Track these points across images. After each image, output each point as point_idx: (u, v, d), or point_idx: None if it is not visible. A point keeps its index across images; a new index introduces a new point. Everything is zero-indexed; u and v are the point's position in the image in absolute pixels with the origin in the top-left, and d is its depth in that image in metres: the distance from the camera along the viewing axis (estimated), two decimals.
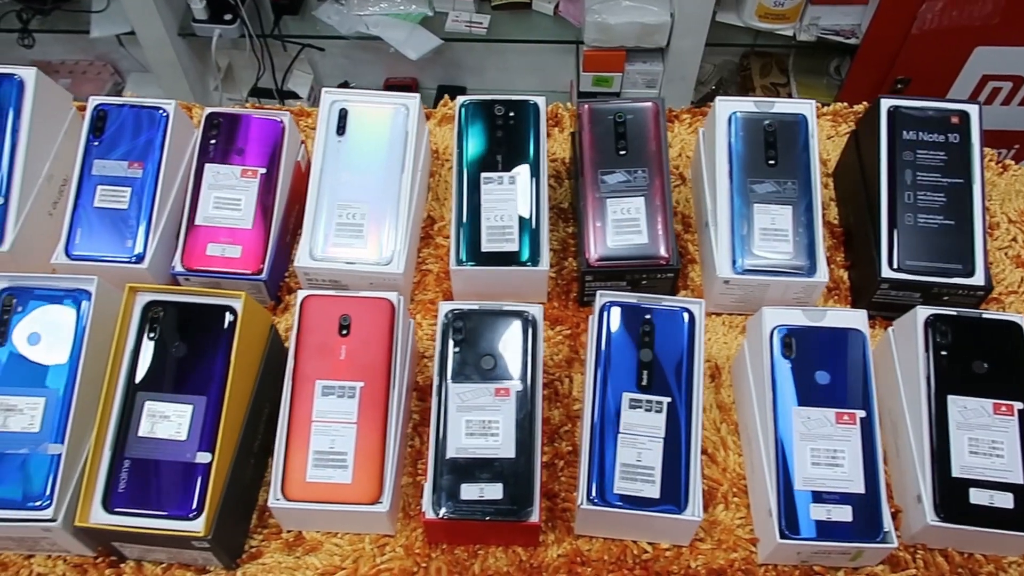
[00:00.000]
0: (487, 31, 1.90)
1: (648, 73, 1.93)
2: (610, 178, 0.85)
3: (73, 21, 1.93)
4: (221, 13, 1.86)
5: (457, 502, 0.68)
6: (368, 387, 0.71)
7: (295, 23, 1.94)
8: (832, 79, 2.04)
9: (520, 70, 2.14)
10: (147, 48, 1.88)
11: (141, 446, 0.68)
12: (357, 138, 0.87)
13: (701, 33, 1.80)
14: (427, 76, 2.16)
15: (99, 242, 0.83)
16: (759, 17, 1.85)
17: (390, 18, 1.90)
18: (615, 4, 1.79)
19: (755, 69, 2.06)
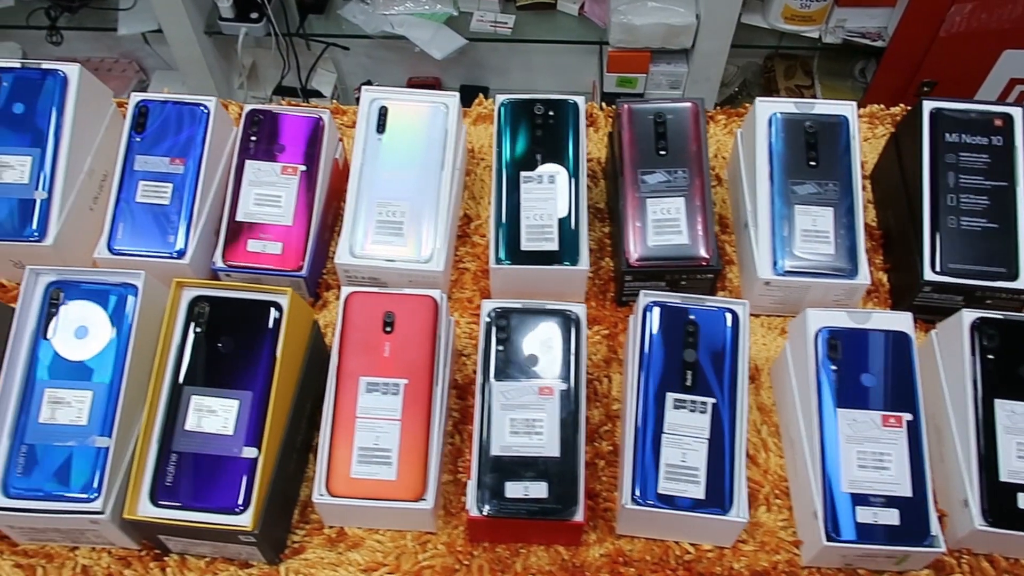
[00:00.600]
0: (512, 31, 1.90)
1: (672, 74, 1.92)
2: (650, 178, 0.85)
3: (101, 19, 1.95)
4: (247, 12, 1.87)
5: (502, 500, 0.68)
6: (412, 384, 0.72)
7: (319, 22, 1.94)
8: (857, 82, 2.04)
9: (543, 70, 2.14)
10: (174, 46, 1.89)
11: (188, 440, 0.68)
12: (397, 136, 0.88)
13: (727, 35, 1.79)
14: (450, 76, 2.17)
15: (141, 237, 0.84)
16: (785, 19, 1.84)
17: (415, 17, 1.91)
18: (641, 5, 1.79)
19: (779, 71, 2.05)
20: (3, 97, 0.86)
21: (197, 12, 1.85)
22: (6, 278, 0.89)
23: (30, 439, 0.69)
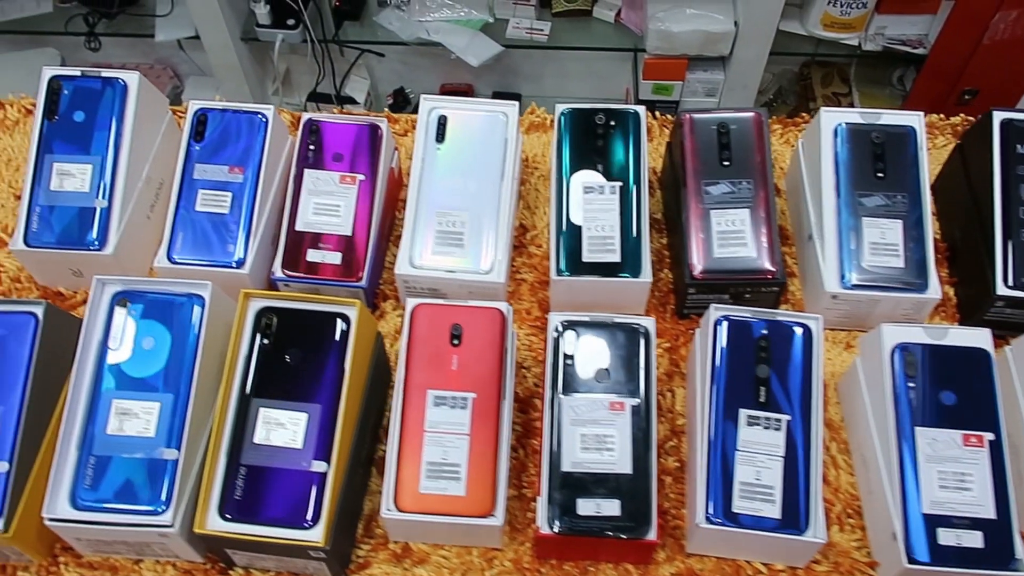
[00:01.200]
0: (548, 38, 1.90)
1: (709, 82, 1.91)
2: (714, 189, 0.83)
3: (138, 25, 1.96)
4: (284, 18, 1.88)
5: (573, 517, 0.67)
6: (480, 398, 0.71)
7: (354, 29, 1.94)
8: (895, 89, 2.02)
9: (576, 77, 2.14)
10: (210, 52, 1.90)
11: (257, 453, 0.67)
12: (456, 145, 0.87)
13: (766, 42, 1.78)
14: (483, 82, 2.16)
15: (200, 247, 0.84)
16: (824, 26, 1.82)
17: (451, 24, 1.91)
18: (679, 12, 1.78)
19: (816, 78, 2.04)
20: (64, 105, 0.86)
21: (234, 18, 1.86)
22: (64, 286, 0.89)
23: (98, 451, 0.68)
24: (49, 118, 0.86)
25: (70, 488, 0.67)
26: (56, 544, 0.73)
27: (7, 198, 0.97)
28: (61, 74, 0.87)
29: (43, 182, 0.84)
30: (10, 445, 0.68)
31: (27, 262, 0.86)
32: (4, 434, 0.68)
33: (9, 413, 0.69)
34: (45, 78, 0.87)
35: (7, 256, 0.92)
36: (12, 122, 1.04)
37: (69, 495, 0.67)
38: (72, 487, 0.67)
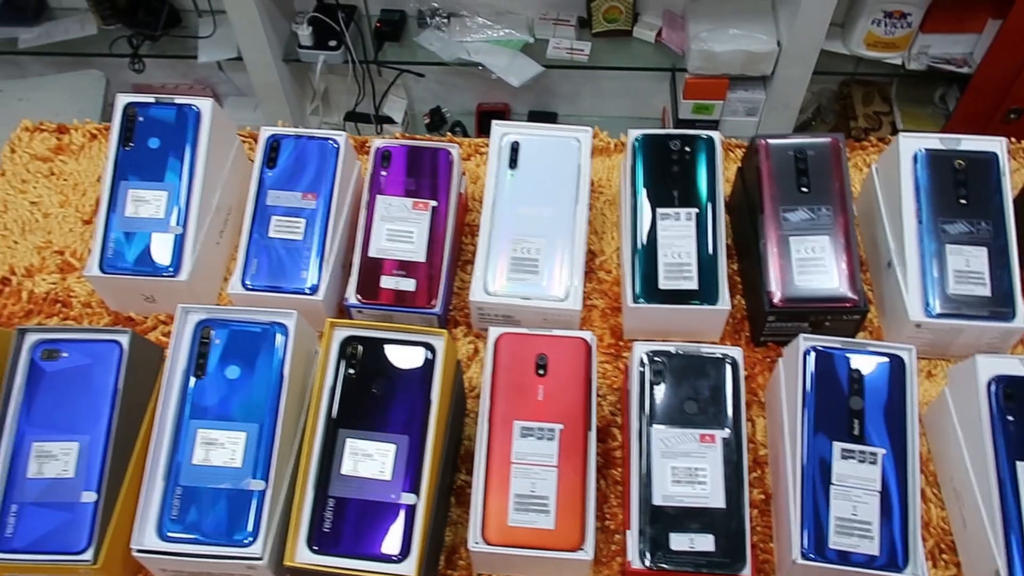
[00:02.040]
0: (588, 58, 1.90)
1: (750, 101, 1.90)
2: (792, 216, 0.82)
3: (180, 47, 1.97)
4: (325, 40, 1.89)
5: (667, 552, 0.66)
6: (567, 429, 0.70)
7: (393, 49, 1.95)
8: (937, 108, 2.00)
9: (613, 96, 2.14)
10: (252, 72, 1.91)
11: (345, 485, 0.67)
12: (529, 171, 0.86)
13: (809, 62, 1.77)
14: (519, 102, 2.17)
15: (274, 273, 0.83)
16: (867, 45, 1.82)
17: (491, 45, 1.91)
18: (722, 32, 1.78)
19: (857, 97, 2.02)
20: (139, 132, 0.86)
21: (276, 40, 1.87)
22: (135, 312, 0.89)
23: (184, 481, 0.68)
24: (124, 145, 0.86)
25: (157, 519, 0.67)
26: (138, 575, 0.72)
27: (75, 223, 0.97)
28: (136, 101, 0.88)
29: (118, 208, 0.84)
30: (98, 475, 0.68)
31: (100, 288, 0.86)
32: (91, 464, 0.68)
33: (96, 442, 0.68)
34: (120, 105, 0.88)
35: (77, 280, 0.92)
36: (77, 147, 1.04)
37: (156, 526, 0.67)
38: (159, 518, 0.67)
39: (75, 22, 1.99)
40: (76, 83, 1.88)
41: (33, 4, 1.97)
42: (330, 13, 1.87)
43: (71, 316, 0.89)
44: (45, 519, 0.67)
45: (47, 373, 0.71)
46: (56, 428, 0.69)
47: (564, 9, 1.94)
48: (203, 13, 1.99)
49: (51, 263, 0.93)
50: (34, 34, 1.97)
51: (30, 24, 1.97)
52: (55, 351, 0.71)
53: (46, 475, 0.68)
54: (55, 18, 2.01)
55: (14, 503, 0.67)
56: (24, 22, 1.97)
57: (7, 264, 0.93)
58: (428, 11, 1.92)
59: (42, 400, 0.70)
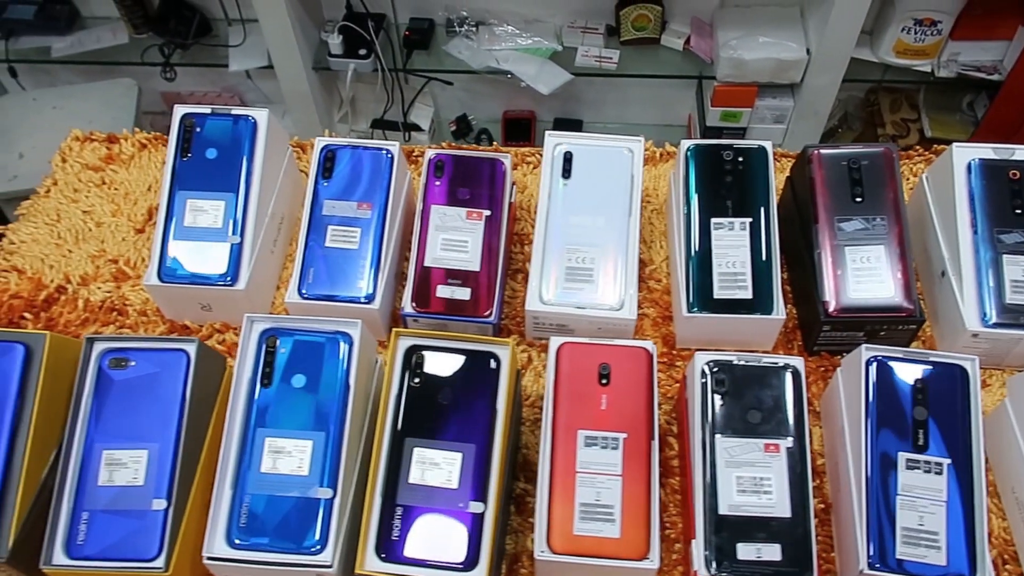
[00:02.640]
0: (617, 66, 1.90)
1: (778, 109, 1.91)
2: (847, 225, 0.83)
3: (210, 55, 1.99)
4: (355, 48, 1.90)
5: (734, 562, 0.66)
6: (631, 438, 0.70)
7: (420, 57, 1.96)
8: (965, 115, 2.00)
9: (639, 104, 2.14)
10: (283, 81, 1.93)
11: (413, 493, 0.67)
12: (583, 181, 0.87)
13: (839, 70, 1.77)
14: (544, 109, 2.18)
15: (331, 282, 0.84)
16: (896, 53, 1.82)
17: (520, 53, 1.92)
18: (751, 40, 1.78)
19: (884, 104, 2.03)
20: (197, 143, 0.87)
21: (307, 48, 1.89)
22: (190, 320, 0.90)
23: (252, 489, 0.68)
24: (182, 155, 0.87)
25: (225, 527, 0.67)
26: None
27: (127, 232, 0.98)
28: (193, 111, 0.89)
29: (176, 218, 0.85)
30: (167, 483, 0.68)
31: (158, 296, 0.87)
32: (161, 472, 0.69)
33: (165, 451, 0.69)
34: (177, 116, 0.89)
35: (132, 289, 0.93)
36: (128, 156, 1.05)
37: (225, 533, 0.67)
38: (228, 526, 0.67)
39: (107, 31, 2.01)
40: (109, 91, 1.90)
41: (66, 14, 1.99)
42: (360, 22, 1.89)
43: (127, 324, 0.90)
44: (116, 526, 0.68)
45: (115, 381, 0.72)
46: (125, 436, 0.70)
47: (592, 17, 1.95)
48: (233, 22, 2.01)
49: (105, 272, 0.94)
50: (67, 43, 1.99)
51: (63, 33, 1.99)
52: (123, 359, 0.72)
53: (116, 483, 0.69)
54: (87, 27, 2.03)
55: (85, 510, 0.68)
56: (57, 31, 1.99)
57: (62, 272, 0.94)
58: (457, 19, 1.94)
59: (111, 408, 0.71)
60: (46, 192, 1.02)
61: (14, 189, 1.75)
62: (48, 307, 0.92)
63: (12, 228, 0.99)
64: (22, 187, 1.74)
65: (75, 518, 0.68)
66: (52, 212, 1.00)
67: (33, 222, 0.99)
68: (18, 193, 1.76)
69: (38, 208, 1.01)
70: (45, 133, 1.82)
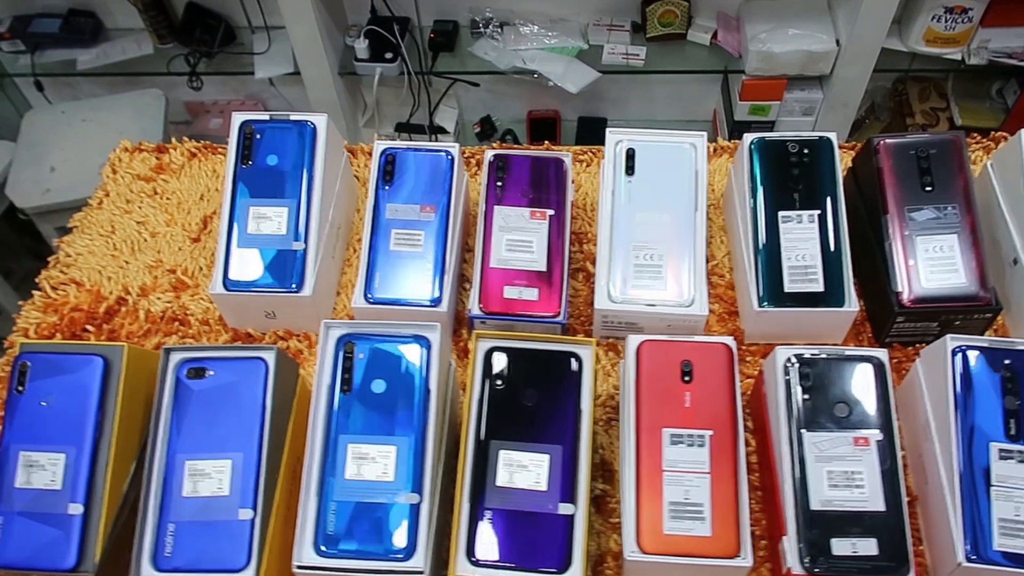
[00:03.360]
0: (644, 63, 1.90)
1: (807, 101, 1.90)
2: (918, 215, 0.82)
3: (236, 63, 1.99)
4: (381, 52, 1.90)
5: (829, 558, 0.65)
6: (717, 435, 0.69)
7: (444, 60, 1.96)
8: (995, 102, 1.99)
9: (663, 100, 2.14)
10: (309, 87, 1.93)
11: (501, 497, 0.67)
12: (647, 178, 0.86)
13: (869, 60, 1.76)
14: (568, 108, 2.17)
15: (397, 286, 0.84)
16: (927, 42, 1.81)
17: (546, 52, 1.91)
18: (781, 33, 1.77)
19: (913, 94, 2.01)
20: (257, 149, 0.87)
21: (334, 54, 1.89)
22: (253, 328, 0.89)
23: (338, 496, 0.68)
24: (243, 162, 0.87)
25: (313, 535, 0.67)
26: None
27: (183, 241, 0.98)
28: (252, 119, 0.88)
29: (239, 225, 0.85)
30: (252, 492, 0.68)
31: (223, 304, 0.87)
32: (246, 481, 0.68)
33: (249, 460, 0.69)
34: (236, 123, 0.88)
35: (192, 298, 0.93)
36: (178, 166, 1.05)
37: (312, 542, 0.67)
38: (315, 534, 0.67)
39: (131, 42, 2.01)
40: (136, 102, 1.90)
41: (91, 26, 1.99)
42: (385, 26, 1.89)
43: (189, 334, 0.90)
44: (203, 537, 0.67)
45: (194, 391, 0.71)
46: (207, 446, 0.70)
47: (617, 15, 1.94)
48: (256, 29, 2.01)
49: (164, 282, 0.94)
50: (92, 55, 1.99)
51: (88, 46, 2.00)
52: (201, 369, 0.72)
53: (201, 493, 0.68)
54: (111, 39, 2.03)
55: (171, 522, 0.68)
56: (82, 44, 1.99)
57: (120, 284, 0.94)
58: (482, 20, 1.93)
59: (191, 418, 0.70)
60: (98, 204, 1.02)
61: (48, 203, 1.75)
62: (109, 319, 0.91)
63: (67, 241, 0.99)
64: (56, 200, 1.74)
65: (161, 530, 0.67)
66: (106, 223, 1.00)
67: (88, 234, 0.99)
68: (51, 207, 1.76)
69: (92, 220, 1.01)
70: (76, 146, 1.83)
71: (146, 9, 1.93)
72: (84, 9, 2.01)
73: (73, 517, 0.67)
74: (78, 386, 0.70)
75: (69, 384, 0.71)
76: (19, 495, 0.68)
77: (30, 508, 0.68)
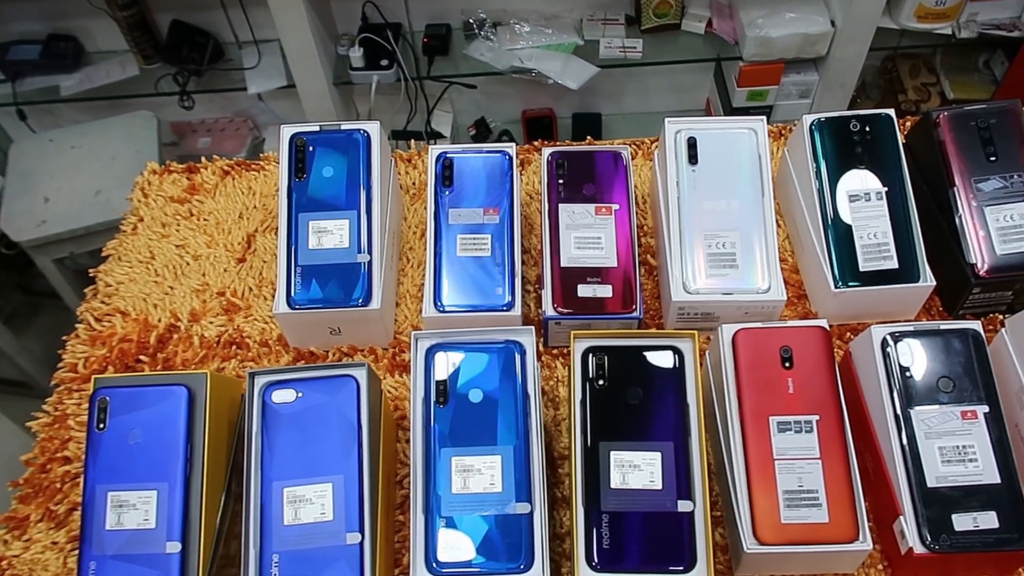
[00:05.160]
0: (642, 55, 1.90)
1: (803, 83, 1.91)
2: (985, 185, 0.82)
3: (226, 80, 1.95)
4: (376, 60, 1.87)
5: (952, 535, 0.65)
6: (823, 419, 0.68)
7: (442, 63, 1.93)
8: (983, 75, 2.02)
9: (657, 92, 2.14)
10: (305, 99, 1.89)
11: (617, 499, 0.65)
12: (710, 166, 0.85)
13: (866, 39, 1.78)
14: (562, 106, 2.16)
15: (468, 292, 0.82)
16: (917, 18, 1.83)
17: (542, 50, 1.90)
18: (778, 17, 1.78)
19: (904, 71, 2.04)
20: (311, 162, 0.84)
21: (328, 64, 1.85)
22: (316, 346, 0.87)
23: (446, 511, 0.66)
24: (297, 176, 0.84)
25: (424, 553, 0.65)
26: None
27: (227, 262, 0.95)
28: (302, 131, 0.86)
29: (300, 241, 0.82)
30: (357, 515, 0.65)
31: (286, 324, 0.84)
32: (349, 504, 0.66)
33: (350, 482, 0.66)
34: (286, 136, 0.86)
35: (246, 320, 0.90)
36: (211, 186, 1.02)
37: (424, 560, 0.65)
38: (426, 552, 0.65)
39: (115, 64, 1.95)
40: (127, 125, 1.85)
41: (71, 50, 1.93)
42: (377, 33, 1.86)
43: (249, 357, 0.87)
44: (310, 565, 0.64)
45: (283, 415, 0.68)
46: (304, 470, 0.67)
47: (611, 9, 1.94)
48: (243, 44, 1.97)
49: (214, 305, 0.91)
50: (75, 80, 1.93)
51: (70, 71, 1.93)
52: (289, 392, 0.69)
53: (303, 520, 0.66)
54: (94, 63, 1.97)
55: (275, 552, 0.65)
56: (64, 69, 1.93)
57: (168, 310, 0.91)
58: (475, 22, 1.91)
59: (283, 443, 0.68)
60: (132, 229, 0.98)
61: (44, 235, 1.69)
62: (162, 347, 0.88)
63: (104, 270, 0.95)
64: (53, 231, 1.69)
65: (265, 561, 0.65)
66: (143, 249, 0.96)
67: (126, 261, 0.95)
68: (48, 238, 1.71)
69: (127, 247, 0.97)
70: (68, 174, 1.77)
71: (130, 30, 1.88)
72: (64, 33, 1.95)
73: (171, 556, 0.64)
74: (163, 418, 0.67)
75: (153, 417, 0.67)
76: (111, 537, 0.65)
77: (124, 550, 0.65)
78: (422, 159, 1.04)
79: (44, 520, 0.78)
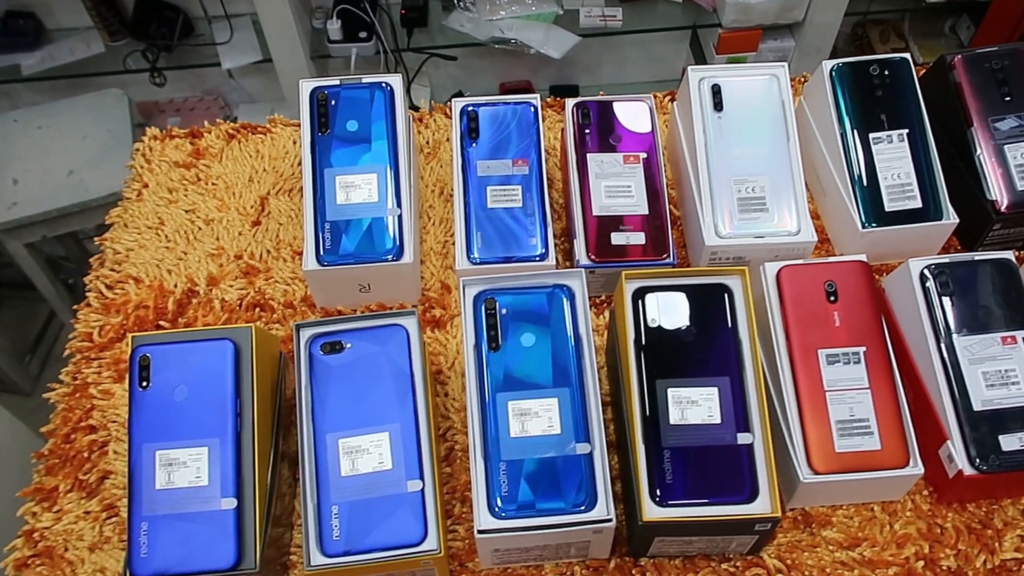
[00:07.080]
0: (622, 23, 1.90)
1: (780, 49, 1.93)
2: (1002, 124, 0.84)
3: (197, 56, 1.89)
4: (354, 32, 1.84)
5: (1000, 455, 0.66)
6: (870, 351, 0.70)
7: (422, 35, 1.91)
8: (949, 39, 2.07)
9: (634, 63, 2.14)
10: (282, 74, 1.85)
11: (677, 435, 0.65)
12: (736, 113, 0.86)
13: (841, 4, 1.81)
14: (539, 78, 2.15)
15: (500, 243, 0.81)
16: None
17: (522, 21, 1.89)
18: None
19: (874, 36, 2.08)
20: (335, 116, 0.82)
21: (305, 38, 1.81)
22: (344, 304, 0.85)
23: (506, 455, 0.65)
24: (321, 131, 0.82)
25: (486, 499, 0.64)
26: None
27: (241, 226, 0.92)
28: (323, 85, 0.83)
29: (327, 197, 0.80)
30: (417, 462, 0.64)
31: (315, 282, 0.82)
32: (408, 453, 0.65)
33: (408, 430, 0.65)
34: (305, 92, 0.84)
35: (267, 282, 0.87)
36: (217, 150, 0.99)
37: (487, 505, 0.64)
38: (488, 498, 0.64)
39: (79, 42, 1.88)
40: (96, 104, 1.78)
41: (31, 28, 1.85)
42: (355, 4, 1.82)
43: (274, 319, 0.85)
44: (372, 516, 0.63)
45: (333, 367, 0.67)
46: (357, 421, 0.66)
47: None
48: (213, 19, 1.91)
49: (232, 269, 0.88)
50: (37, 59, 1.86)
51: (31, 49, 1.86)
52: (338, 343, 0.67)
53: (361, 471, 0.64)
54: (55, 40, 1.89)
55: (334, 504, 0.64)
56: (24, 47, 1.85)
57: (184, 276, 0.88)
58: None
59: (334, 395, 0.66)
60: (137, 196, 0.95)
61: (16, 217, 1.63)
62: (182, 312, 0.85)
63: (110, 238, 0.92)
64: (25, 214, 1.62)
65: (323, 514, 0.63)
66: (151, 216, 0.93)
67: (134, 228, 0.92)
68: (20, 221, 1.64)
69: (133, 214, 0.93)
70: (37, 155, 1.70)
71: (94, 5, 1.81)
72: (22, 10, 1.87)
73: (227, 512, 0.63)
74: (209, 374, 0.65)
75: (198, 373, 0.65)
76: (161, 497, 0.63)
77: (176, 509, 0.63)
78: (433, 119, 1.02)
79: (74, 490, 0.75)
